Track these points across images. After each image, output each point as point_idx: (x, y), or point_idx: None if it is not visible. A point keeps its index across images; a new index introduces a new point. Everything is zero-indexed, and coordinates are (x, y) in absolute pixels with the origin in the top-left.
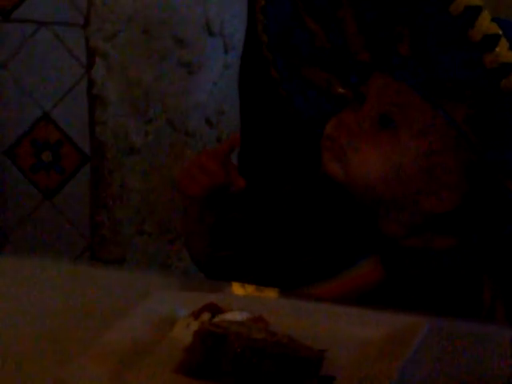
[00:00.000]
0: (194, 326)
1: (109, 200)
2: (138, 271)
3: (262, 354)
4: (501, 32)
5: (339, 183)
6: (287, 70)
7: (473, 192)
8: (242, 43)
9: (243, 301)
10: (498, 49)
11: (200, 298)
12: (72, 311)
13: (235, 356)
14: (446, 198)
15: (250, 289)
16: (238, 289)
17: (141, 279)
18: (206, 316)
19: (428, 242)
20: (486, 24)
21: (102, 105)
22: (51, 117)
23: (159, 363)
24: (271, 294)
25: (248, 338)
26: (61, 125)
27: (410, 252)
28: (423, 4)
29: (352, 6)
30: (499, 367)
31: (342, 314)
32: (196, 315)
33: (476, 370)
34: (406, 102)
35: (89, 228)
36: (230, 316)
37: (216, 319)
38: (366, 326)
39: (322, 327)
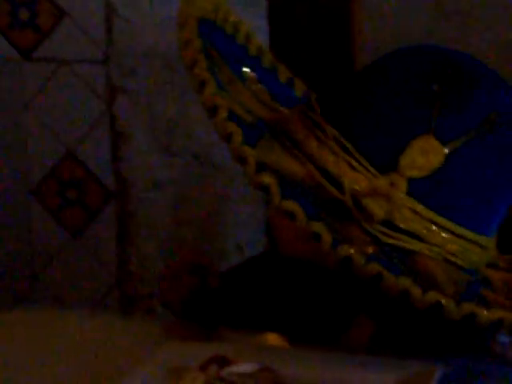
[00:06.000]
0: (201, 380)
1: (135, 236)
2: (155, 320)
3: None
4: None
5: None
6: None
7: None
8: None
9: (251, 351)
10: None
11: (210, 348)
12: (86, 363)
13: None
14: None
15: (263, 338)
16: (251, 338)
17: (155, 328)
18: (212, 369)
19: None
20: None
21: (125, 141)
22: (75, 154)
23: None
24: (281, 342)
25: None
26: (85, 162)
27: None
28: None
29: None
30: None
31: (352, 363)
32: (203, 367)
33: None
34: None
35: (116, 265)
36: (237, 368)
37: (223, 371)
38: (378, 374)
39: (331, 376)
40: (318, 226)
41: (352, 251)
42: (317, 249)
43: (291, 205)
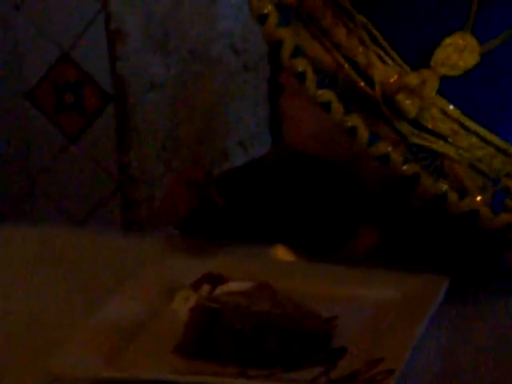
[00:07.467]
0: (193, 299)
1: (135, 138)
2: (157, 235)
3: (264, 330)
4: None
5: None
6: None
7: None
8: None
9: (251, 266)
10: None
11: (207, 264)
12: (76, 279)
13: (234, 333)
14: None
15: (269, 250)
16: (255, 251)
17: (157, 243)
18: (205, 288)
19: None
20: None
21: (120, 40)
22: (70, 56)
23: (157, 343)
24: (287, 255)
25: (248, 313)
26: (81, 64)
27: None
28: None
29: None
30: None
31: (355, 277)
32: (196, 286)
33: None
34: None
35: (117, 168)
36: (232, 286)
37: (217, 290)
38: (382, 287)
39: (334, 291)
40: (354, 120)
41: (390, 149)
42: (331, 145)
43: (328, 94)
